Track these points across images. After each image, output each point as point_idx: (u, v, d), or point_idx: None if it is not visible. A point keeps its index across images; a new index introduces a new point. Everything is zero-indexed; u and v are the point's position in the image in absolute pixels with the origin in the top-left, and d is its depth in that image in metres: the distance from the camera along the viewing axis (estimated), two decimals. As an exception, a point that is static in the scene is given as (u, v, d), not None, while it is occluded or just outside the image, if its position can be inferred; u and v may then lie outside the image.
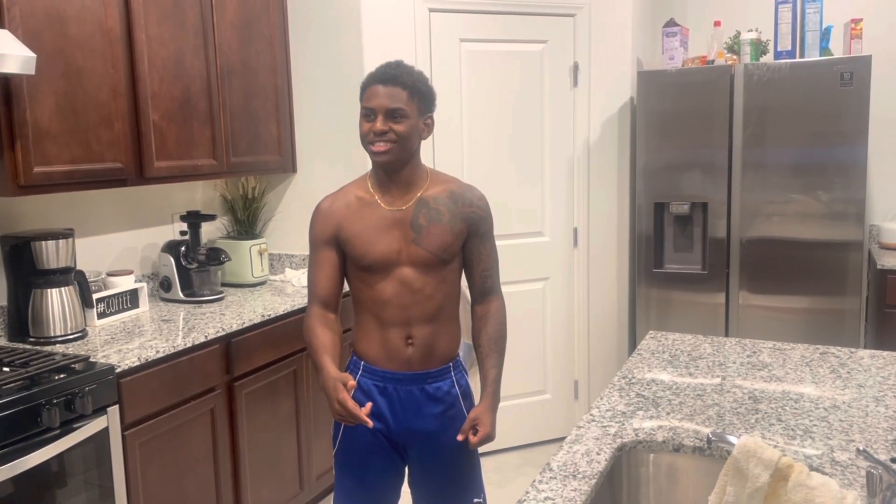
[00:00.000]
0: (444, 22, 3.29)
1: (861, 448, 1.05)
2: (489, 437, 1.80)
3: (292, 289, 3.14)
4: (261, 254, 3.22)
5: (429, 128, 1.85)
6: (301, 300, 2.91)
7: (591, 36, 3.51)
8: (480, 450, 1.94)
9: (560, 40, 3.49)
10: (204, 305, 2.86)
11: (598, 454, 1.43)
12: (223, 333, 2.50)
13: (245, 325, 2.60)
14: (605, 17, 3.52)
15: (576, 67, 3.52)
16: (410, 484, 1.95)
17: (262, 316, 2.68)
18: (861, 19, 3.26)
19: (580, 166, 3.60)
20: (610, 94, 3.58)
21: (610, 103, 3.59)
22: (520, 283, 3.57)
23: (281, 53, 3.25)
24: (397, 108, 1.74)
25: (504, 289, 3.34)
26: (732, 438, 1.17)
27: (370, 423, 1.67)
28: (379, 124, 1.74)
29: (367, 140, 1.77)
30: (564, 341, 3.71)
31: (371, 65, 3.12)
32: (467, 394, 1.94)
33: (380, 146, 1.74)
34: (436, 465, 1.88)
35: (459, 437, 1.80)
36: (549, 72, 3.49)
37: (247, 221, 3.34)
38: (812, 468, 1.29)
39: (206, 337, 2.43)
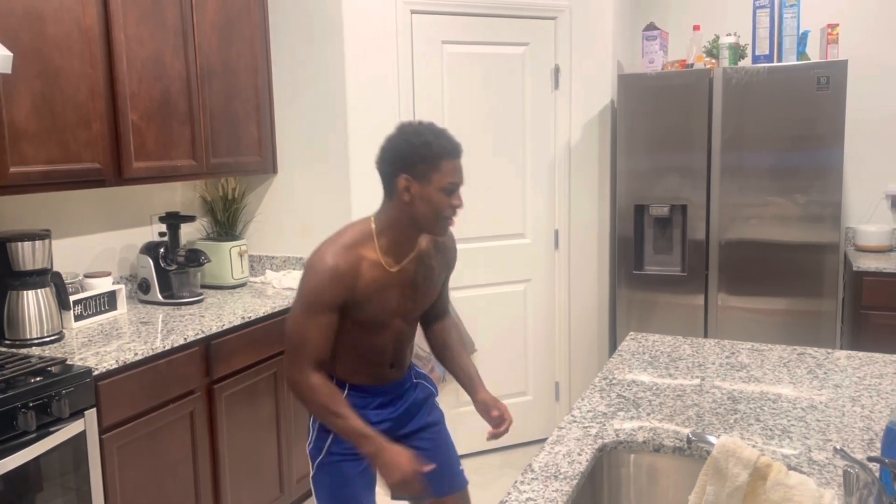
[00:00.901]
0: (425, 23, 3.29)
1: (838, 447, 1.06)
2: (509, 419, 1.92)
3: (273, 290, 3.12)
4: (241, 255, 3.20)
5: None
6: (282, 301, 2.89)
7: (572, 39, 3.53)
8: (459, 452, 2.08)
9: (541, 43, 3.51)
10: (183, 307, 2.83)
11: (580, 455, 1.44)
12: (203, 336, 2.48)
13: (225, 328, 2.58)
14: (586, 20, 3.54)
15: (557, 70, 3.54)
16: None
17: (242, 318, 2.67)
18: (837, 24, 3.31)
19: (561, 169, 3.62)
20: (591, 97, 3.60)
21: (590, 106, 3.61)
22: (501, 284, 3.58)
23: (262, 54, 3.24)
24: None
25: (486, 291, 3.37)
26: (712, 438, 1.18)
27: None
28: (459, 200, 1.75)
29: (444, 214, 1.73)
30: (545, 343, 3.72)
31: (353, 67, 3.16)
32: (419, 373, 2.06)
33: (453, 222, 1.77)
34: (432, 440, 2.00)
35: (495, 432, 1.90)
36: (531, 74, 3.51)
37: (227, 223, 3.31)
38: (790, 467, 1.30)
39: (185, 339, 2.40)
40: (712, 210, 3.39)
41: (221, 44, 2.99)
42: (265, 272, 3.34)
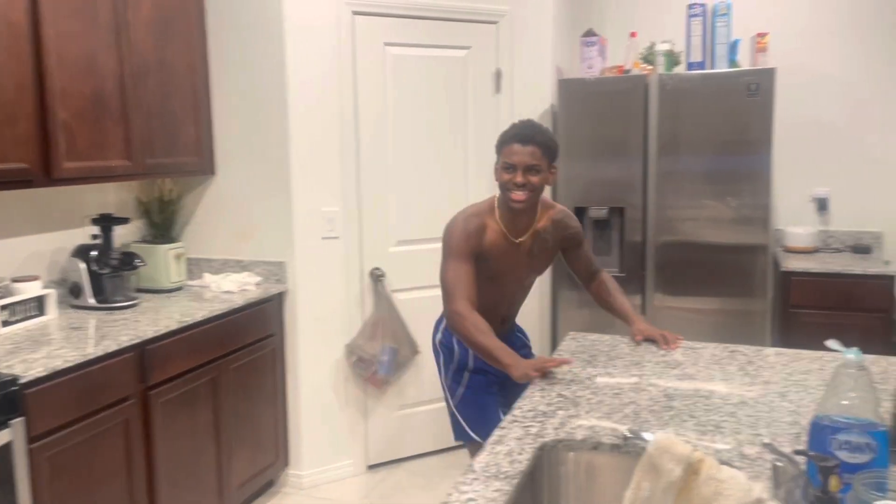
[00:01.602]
0: (368, 25, 3.27)
1: (766, 442, 1.10)
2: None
3: (211, 294, 3.06)
4: (178, 258, 3.12)
5: (554, 175, 2.26)
6: (220, 305, 2.84)
7: (513, 43, 3.57)
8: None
9: (483, 47, 3.53)
10: (117, 312, 2.75)
11: (520, 454, 1.46)
12: (137, 341, 2.41)
13: (161, 332, 2.51)
14: (527, 25, 3.59)
15: (498, 74, 3.57)
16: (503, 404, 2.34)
17: (179, 322, 2.60)
18: (766, 33, 3.44)
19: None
20: (531, 101, 3.65)
21: (531, 110, 3.65)
22: (444, 286, 3.58)
23: (199, 53, 3.17)
24: (534, 165, 2.15)
25: (428, 293, 3.45)
26: (647, 435, 1.21)
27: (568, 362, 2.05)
28: (519, 178, 2.14)
29: (506, 188, 2.18)
30: (488, 344, 3.74)
31: (294, 66, 3.12)
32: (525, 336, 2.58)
33: (519, 195, 2.16)
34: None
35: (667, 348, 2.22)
36: (473, 77, 3.53)
37: (163, 225, 3.23)
38: (722, 462, 1.35)
39: (118, 345, 2.33)
40: (649, 212, 3.48)
41: (157, 41, 2.91)
42: (203, 275, 3.27)
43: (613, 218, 3.57)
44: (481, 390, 2.36)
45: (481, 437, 2.30)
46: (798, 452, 1.05)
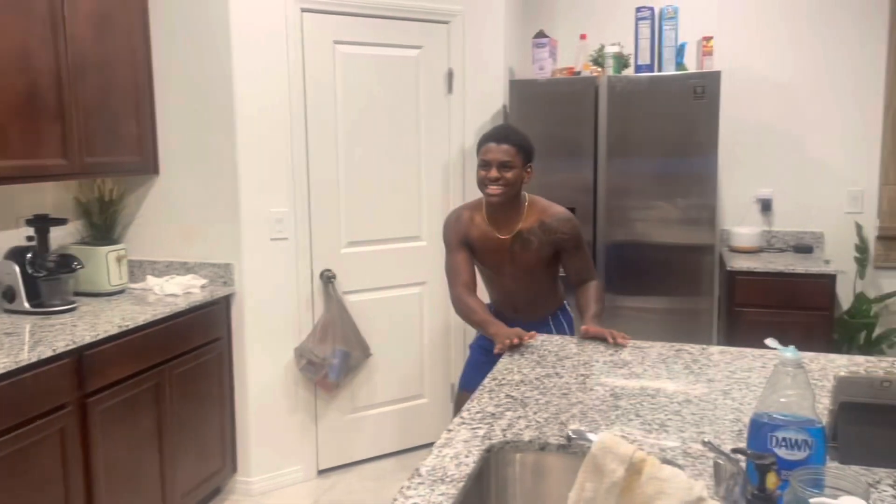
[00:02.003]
0: (317, 23, 3.23)
1: (706, 440, 1.11)
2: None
3: (154, 297, 2.97)
4: (119, 260, 3.02)
5: (529, 175, 2.47)
6: (164, 308, 2.76)
7: (464, 44, 3.56)
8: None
9: (435, 47, 3.52)
10: (53, 317, 2.65)
11: (467, 457, 1.44)
12: (74, 346, 2.32)
13: (100, 337, 2.43)
14: (478, 26, 3.59)
15: (450, 74, 3.56)
16: None
17: (120, 327, 2.52)
18: (712, 37, 3.51)
19: (456, 171, 3.64)
20: (484, 102, 3.65)
21: (484, 110, 3.65)
22: (396, 287, 3.56)
23: (142, 48, 3.08)
24: (507, 161, 2.35)
25: (380, 294, 3.46)
26: (591, 436, 1.20)
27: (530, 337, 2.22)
28: (493, 173, 2.35)
29: (482, 184, 2.40)
30: (441, 345, 3.73)
31: (240, 63, 3.07)
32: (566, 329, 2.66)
33: (493, 189, 2.36)
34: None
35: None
36: (425, 77, 3.51)
37: (103, 226, 3.13)
38: (666, 461, 1.35)
39: (54, 350, 2.24)
40: (599, 213, 3.51)
41: (97, 36, 2.82)
42: (146, 278, 3.18)
43: (564, 218, 3.59)
44: (483, 352, 2.57)
45: (459, 388, 2.71)
46: (736, 451, 1.06)
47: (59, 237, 3.02)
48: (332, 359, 3.24)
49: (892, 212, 3.86)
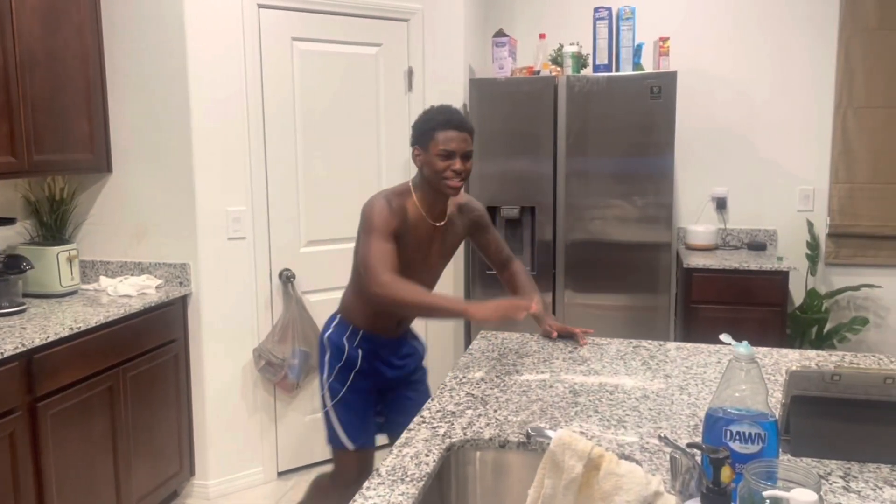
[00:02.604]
0: (274, 19, 3.19)
1: (662, 435, 1.12)
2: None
3: (108, 298, 2.90)
4: (70, 261, 2.94)
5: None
6: (117, 310, 2.70)
7: (424, 42, 3.56)
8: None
9: (394, 44, 3.50)
10: (1, 319, 2.56)
11: (427, 456, 1.43)
12: (23, 349, 2.25)
13: (50, 340, 2.36)
14: (438, 24, 3.58)
15: (410, 72, 3.55)
16: (382, 412, 2.40)
17: (71, 329, 2.45)
18: (668, 38, 3.56)
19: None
20: (444, 100, 3.60)
21: (443, 109, 3.64)
22: (356, 287, 3.53)
23: (93, 43, 3.00)
24: (469, 151, 2.14)
25: (340, 294, 3.40)
26: (550, 432, 1.21)
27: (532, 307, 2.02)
28: (459, 164, 2.11)
29: (443, 176, 2.11)
30: (402, 344, 3.71)
31: (196, 59, 3.01)
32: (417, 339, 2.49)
33: (457, 182, 2.12)
34: (405, 391, 2.40)
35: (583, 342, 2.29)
36: (385, 75, 3.49)
37: (54, 225, 3.04)
38: (624, 456, 1.37)
39: (2, 354, 2.17)
40: (559, 212, 3.54)
41: (45, 31, 2.74)
42: (99, 279, 3.10)
43: (525, 217, 3.61)
44: (363, 394, 2.31)
45: (354, 444, 2.31)
46: (691, 445, 1.07)
47: (7, 237, 2.93)
48: (292, 359, 3.20)
49: (842, 210, 3.97)
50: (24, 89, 2.63)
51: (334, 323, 2.34)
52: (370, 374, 2.30)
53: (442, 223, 2.25)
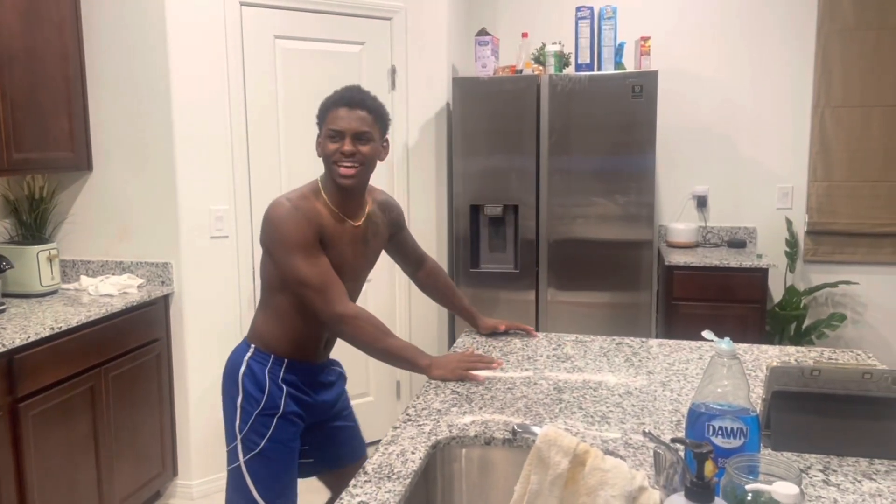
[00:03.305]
0: (256, 17, 3.17)
1: (646, 430, 1.14)
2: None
3: (89, 298, 2.88)
4: (50, 260, 2.92)
5: (385, 150, 1.97)
6: (98, 309, 2.67)
7: (407, 40, 3.56)
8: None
9: (377, 43, 3.50)
10: (-20, 319, 2.54)
11: (413, 453, 1.44)
12: (3, 350, 2.23)
13: (31, 340, 2.34)
14: (421, 22, 3.58)
15: (393, 71, 3.55)
16: (307, 454, 2.10)
17: (52, 329, 2.43)
18: (649, 37, 3.59)
19: (399, 169, 3.63)
20: (427, 99, 3.65)
21: (427, 108, 3.66)
22: (340, 285, 3.53)
23: (72, 41, 2.97)
24: (365, 132, 1.84)
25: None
26: (535, 429, 1.22)
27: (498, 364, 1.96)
28: (347, 146, 1.82)
29: (331, 160, 1.84)
30: (385, 343, 3.71)
31: (178, 57, 2.99)
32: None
33: (348, 169, 1.83)
34: (330, 421, 2.14)
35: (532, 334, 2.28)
36: (368, 74, 3.49)
37: (34, 224, 3.01)
38: (608, 452, 1.38)
39: (-19, 355, 2.15)
40: (541, 210, 3.55)
41: (24, 28, 2.71)
42: (80, 278, 3.07)
43: (508, 216, 3.63)
44: (286, 443, 1.95)
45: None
46: (675, 440, 1.09)
47: (-15, 236, 2.90)
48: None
49: (820, 208, 4.03)
50: (2, 87, 2.60)
51: (247, 356, 1.96)
52: (296, 417, 1.96)
53: (360, 222, 1.96)
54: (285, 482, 1.96)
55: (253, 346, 1.97)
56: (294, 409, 1.95)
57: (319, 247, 1.84)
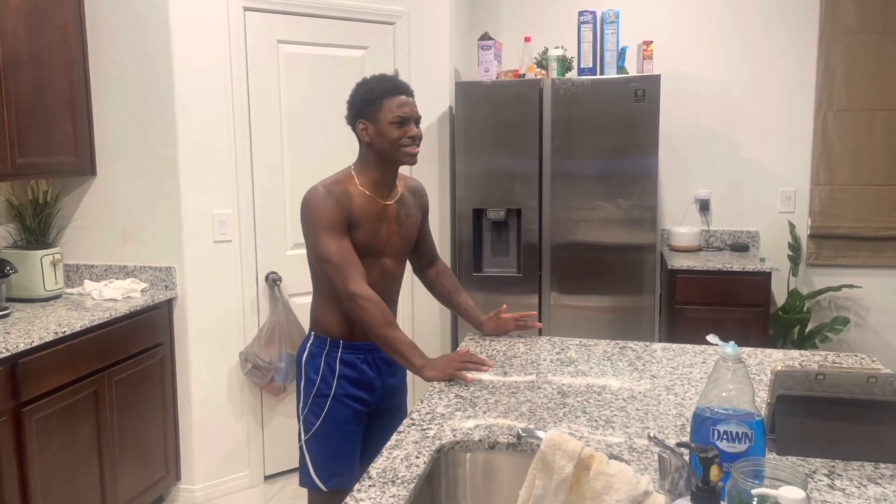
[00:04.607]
0: (260, 22, 3.18)
1: (651, 434, 1.14)
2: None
3: (92, 302, 2.88)
4: (54, 265, 2.92)
5: None
6: (102, 314, 2.68)
7: (410, 45, 3.56)
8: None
9: (380, 47, 3.51)
10: (-15, 324, 2.54)
11: (418, 458, 1.44)
12: (7, 354, 2.23)
13: (35, 345, 2.34)
14: (424, 27, 3.59)
15: (396, 75, 3.55)
16: (368, 437, 2.15)
17: (56, 333, 2.43)
18: (652, 41, 3.59)
19: (402, 172, 3.62)
20: (430, 103, 3.65)
21: (430, 112, 3.66)
22: (343, 289, 3.53)
23: (77, 46, 2.98)
24: (420, 116, 2.04)
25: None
26: (540, 433, 1.22)
27: (488, 365, 1.99)
28: (416, 130, 2.01)
29: (400, 144, 2.00)
30: (388, 347, 3.71)
31: (181, 62, 3.00)
32: None
33: (415, 149, 2.02)
34: (396, 410, 2.22)
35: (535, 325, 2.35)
36: (370, 78, 3.49)
37: (38, 229, 3.02)
38: (612, 456, 1.38)
39: (-15, 359, 2.16)
40: (544, 214, 3.55)
41: (29, 32, 2.72)
42: (83, 282, 3.08)
43: (511, 219, 3.63)
44: (342, 425, 2.07)
45: (326, 485, 2.07)
46: (680, 444, 1.09)
47: (-11, 241, 2.90)
48: (279, 362, 3.20)
49: (823, 211, 4.03)
50: (7, 91, 2.61)
51: (309, 343, 2.13)
52: (352, 400, 2.07)
53: (393, 201, 2.10)
54: (340, 463, 2.08)
55: (313, 333, 2.12)
56: (350, 391, 2.06)
57: (346, 229, 1.98)
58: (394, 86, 2.01)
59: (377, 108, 1.99)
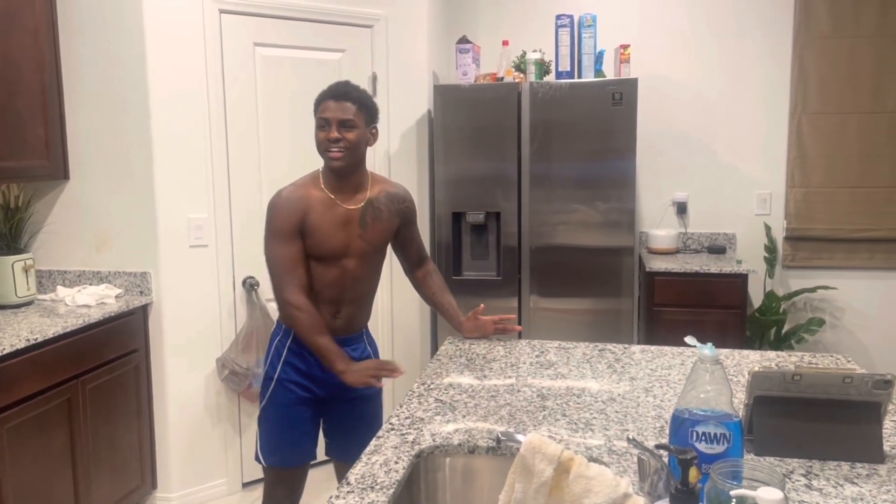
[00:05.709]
0: (236, 24, 3.15)
1: (630, 437, 1.14)
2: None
3: (66, 308, 2.83)
4: (26, 270, 2.87)
5: (374, 137, 2.19)
6: (76, 320, 2.63)
7: (388, 48, 3.55)
8: None
9: (358, 51, 3.49)
10: (-47, 331, 2.49)
11: (397, 463, 1.43)
12: (-23, 362, 2.19)
13: (6, 352, 2.29)
14: (402, 30, 3.58)
15: (374, 78, 3.54)
16: (326, 432, 2.32)
17: (28, 340, 2.39)
18: (629, 45, 3.61)
19: (383, 177, 3.61)
20: (408, 107, 3.64)
21: (408, 115, 3.65)
22: (321, 294, 3.50)
23: (48, 48, 2.93)
24: (349, 119, 2.06)
25: None
26: (520, 437, 1.21)
27: (400, 371, 2.08)
28: (333, 133, 2.06)
29: (322, 147, 2.09)
30: (368, 351, 3.69)
31: (156, 65, 2.97)
32: (376, 352, 2.39)
33: (335, 153, 2.07)
34: (362, 400, 2.27)
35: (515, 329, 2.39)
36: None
37: (9, 234, 2.96)
38: (592, 459, 1.38)
39: (-46, 367, 2.11)
40: (523, 217, 3.56)
41: (-1, 34, 2.67)
42: (56, 289, 3.03)
43: (490, 223, 3.63)
44: (281, 408, 2.20)
45: (266, 461, 2.23)
46: (659, 446, 1.09)
47: (-42, 247, 2.84)
48: (256, 368, 3.16)
49: (798, 213, 4.07)
50: (-24, 95, 2.56)
51: (273, 330, 2.28)
52: (294, 386, 2.19)
53: (356, 206, 2.15)
54: (281, 443, 2.21)
55: (277, 319, 2.23)
56: (293, 377, 2.18)
57: (296, 236, 2.09)
58: (329, 90, 2.10)
59: (315, 112, 2.13)
